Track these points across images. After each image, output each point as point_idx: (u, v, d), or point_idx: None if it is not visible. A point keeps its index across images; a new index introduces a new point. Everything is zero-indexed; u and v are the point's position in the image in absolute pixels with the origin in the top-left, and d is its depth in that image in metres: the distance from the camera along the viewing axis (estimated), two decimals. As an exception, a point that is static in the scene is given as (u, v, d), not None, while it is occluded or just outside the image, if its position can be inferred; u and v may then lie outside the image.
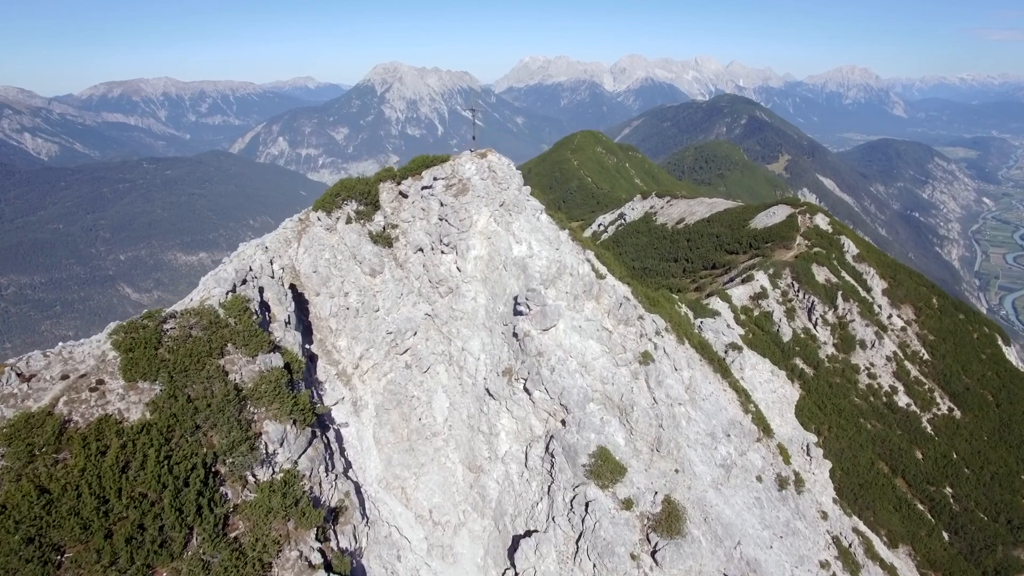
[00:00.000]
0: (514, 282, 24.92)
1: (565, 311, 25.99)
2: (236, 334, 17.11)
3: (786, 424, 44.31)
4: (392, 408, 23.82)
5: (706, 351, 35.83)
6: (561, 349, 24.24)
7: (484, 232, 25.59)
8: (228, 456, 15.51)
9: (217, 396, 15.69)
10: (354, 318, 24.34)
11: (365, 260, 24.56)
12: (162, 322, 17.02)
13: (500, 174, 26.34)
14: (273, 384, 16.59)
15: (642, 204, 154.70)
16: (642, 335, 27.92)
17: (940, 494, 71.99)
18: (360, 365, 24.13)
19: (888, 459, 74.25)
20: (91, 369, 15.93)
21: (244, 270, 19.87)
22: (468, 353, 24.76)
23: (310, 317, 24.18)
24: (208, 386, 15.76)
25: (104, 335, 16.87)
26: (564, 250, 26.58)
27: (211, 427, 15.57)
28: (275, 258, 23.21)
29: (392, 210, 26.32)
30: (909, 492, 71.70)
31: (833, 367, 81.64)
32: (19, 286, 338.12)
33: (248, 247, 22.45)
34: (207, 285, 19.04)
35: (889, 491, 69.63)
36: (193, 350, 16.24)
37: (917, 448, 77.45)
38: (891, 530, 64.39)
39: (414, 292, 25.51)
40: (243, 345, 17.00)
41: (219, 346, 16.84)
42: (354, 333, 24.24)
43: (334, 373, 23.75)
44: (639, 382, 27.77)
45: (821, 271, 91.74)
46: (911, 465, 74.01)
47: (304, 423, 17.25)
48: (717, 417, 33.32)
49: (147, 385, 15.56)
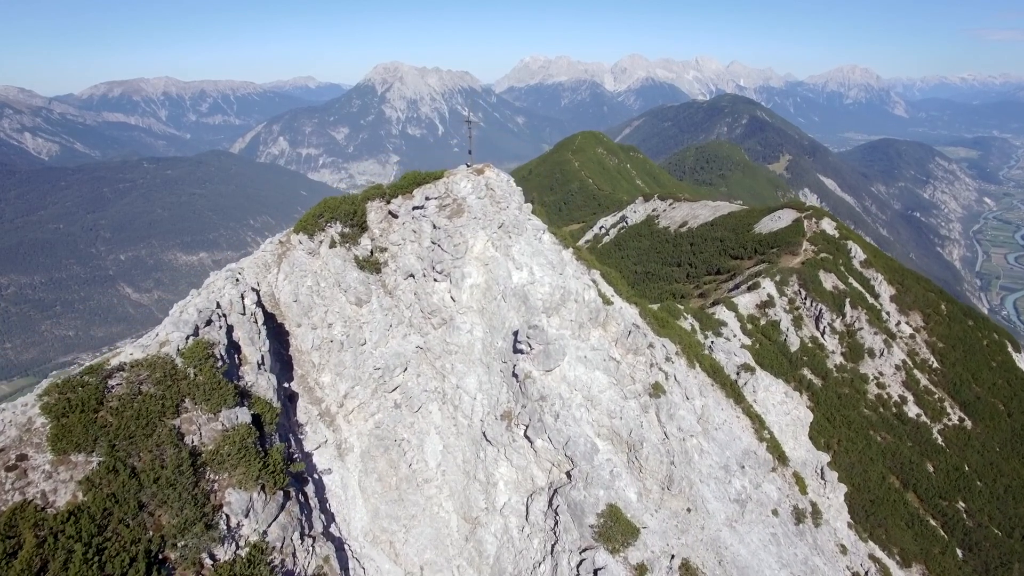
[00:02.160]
0: (514, 315, 22.71)
1: (569, 341, 23.88)
2: (196, 387, 14.87)
3: (799, 447, 42.29)
4: (379, 455, 21.64)
5: (718, 375, 33.76)
6: (566, 383, 22.09)
7: (481, 258, 23.39)
8: (180, 538, 13.21)
9: (169, 466, 13.43)
10: (338, 352, 22.20)
11: (350, 288, 22.39)
12: (107, 377, 14.67)
13: (498, 192, 24.16)
14: (238, 445, 14.38)
15: (644, 207, 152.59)
16: (652, 364, 25.81)
17: (953, 509, 69.90)
18: (345, 404, 22.00)
19: (899, 473, 72.20)
20: (11, 442, 13.41)
21: (210, 308, 17.53)
22: (463, 391, 22.58)
23: (291, 350, 22.07)
24: (158, 454, 13.49)
25: (33, 397, 14.44)
26: (568, 274, 24.42)
27: (159, 505, 13.25)
28: (252, 288, 20.94)
29: (381, 232, 24.11)
30: (921, 507, 69.63)
31: (842, 377, 79.55)
32: (19, 286, 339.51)
33: (218, 277, 20.12)
34: (165, 329, 16.79)
35: (901, 507, 67.57)
36: (142, 410, 13.94)
37: (928, 461, 75.39)
38: (904, 548, 62.31)
39: (404, 323, 23.34)
40: (204, 400, 14.77)
41: (175, 403, 14.56)
42: (338, 369, 22.11)
43: (316, 413, 21.63)
44: (649, 415, 25.69)
45: (828, 278, 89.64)
46: (922, 479, 71.96)
47: (276, 486, 15.08)
48: (731, 447, 31.30)
49: (82, 458, 13.12)
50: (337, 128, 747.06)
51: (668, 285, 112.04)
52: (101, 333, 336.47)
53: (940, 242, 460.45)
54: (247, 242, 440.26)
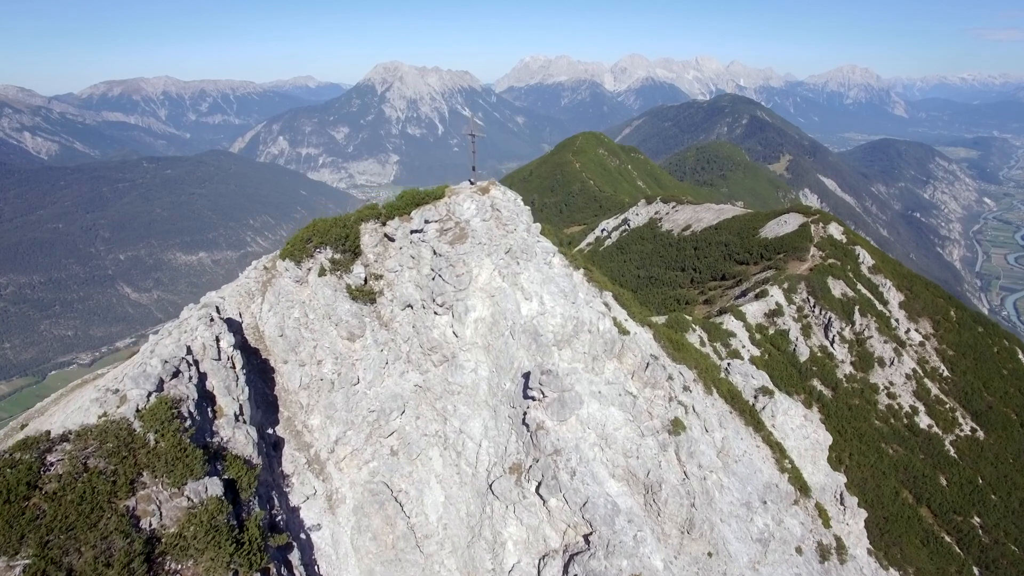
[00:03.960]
0: (524, 354, 20.56)
1: (582, 375, 21.76)
2: (156, 457, 12.46)
3: (818, 471, 40.31)
4: (374, 511, 19.48)
5: (736, 401, 31.71)
6: (581, 427, 19.87)
7: (486, 289, 21.22)
8: (131, 654, 10.81)
9: (117, 562, 10.78)
10: (329, 392, 20.05)
11: (342, 321, 20.24)
12: (46, 451, 11.99)
13: (505, 214, 21.98)
14: (206, 525, 11.98)
15: (647, 209, 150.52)
16: (671, 398, 23.70)
17: (967, 524, 67.89)
18: (336, 450, 19.85)
19: (912, 487, 70.23)
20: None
21: (178, 356, 15.17)
22: (467, 436, 20.43)
23: (277, 389, 19.92)
24: (104, 548, 10.89)
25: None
26: (581, 301, 22.29)
27: (104, 614, 10.78)
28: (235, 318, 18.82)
29: (376, 257, 21.91)
30: (935, 523, 67.64)
31: (851, 388, 77.54)
32: (18, 286, 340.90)
33: (192, 314, 17.68)
34: (123, 383, 14.52)
35: (915, 523, 65.56)
36: (87, 493, 11.35)
37: (941, 473, 73.41)
38: (920, 568, 60.37)
39: (402, 358, 21.18)
40: (166, 472, 12.38)
41: (129, 479, 11.96)
42: (329, 411, 19.96)
43: (304, 461, 19.47)
44: (668, 454, 23.60)
45: (837, 284, 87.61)
46: (936, 493, 69.98)
47: (252, 568, 12.88)
48: (752, 481, 29.26)
49: (2, 564, 10.35)
50: (337, 128, 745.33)
51: (672, 291, 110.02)
52: (100, 333, 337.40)
53: (940, 242, 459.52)
54: (246, 242, 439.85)
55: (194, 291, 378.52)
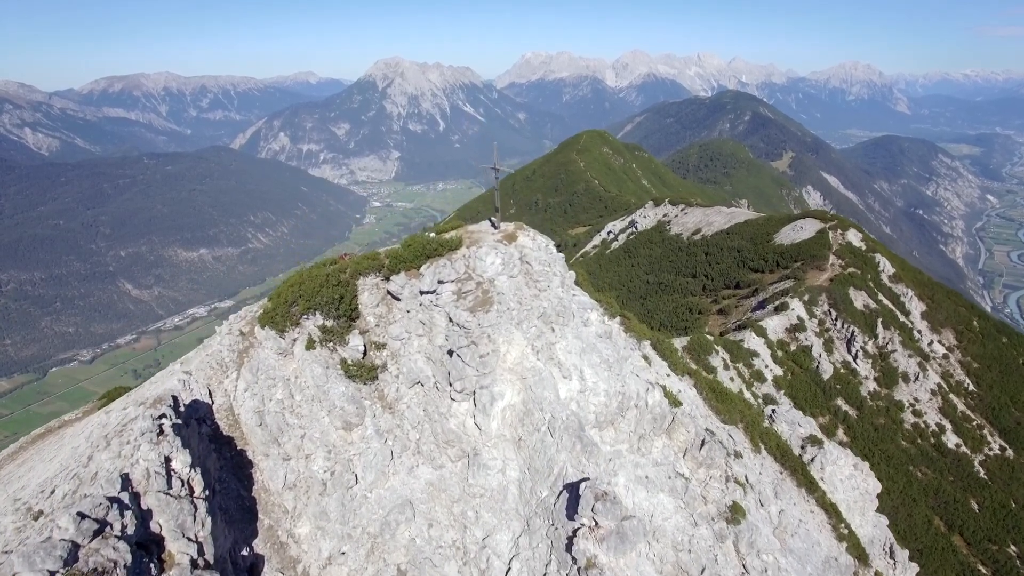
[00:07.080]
0: (566, 456, 16.55)
1: (627, 457, 17.99)
2: None
3: (866, 523, 36.60)
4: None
5: (787, 459, 27.97)
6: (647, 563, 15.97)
7: (516, 370, 17.29)
8: None
9: None
10: (320, 496, 16.30)
11: (336, 407, 16.47)
12: None
13: (537, 267, 18.04)
14: None
15: (654, 211, 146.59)
16: (728, 478, 19.87)
17: (1004, 555, 64.13)
18: (330, 570, 16.08)
19: (943, 513, 66.47)
20: None
21: (102, 506, 10.71)
22: (492, 552, 16.57)
23: (255, 489, 16.15)
24: None
25: None
26: (626, 370, 18.46)
27: None
28: (204, 398, 15.00)
29: (377, 320, 18.04)
30: (970, 554, 63.84)
31: (876, 406, 73.72)
32: (19, 282, 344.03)
33: (136, 418, 13.27)
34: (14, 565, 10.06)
35: (949, 555, 61.83)
36: None
37: (972, 497, 69.63)
38: (956, 605, 56.74)
39: (410, 449, 17.34)
40: None
41: None
42: (320, 520, 16.20)
43: (291, 583, 15.74)
44: (725, 546, 19.80)
45: (859, 295, 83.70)
46: (969, 519, 66.22)
47: None
48: (811, 559, 25.49)
49: None
50: (338, 124, 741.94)
51: (684, 298, 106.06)
52: (101, 329, 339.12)
53: (943, 239, 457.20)
54: (247, 238, 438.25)
55: (195, 288, 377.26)
